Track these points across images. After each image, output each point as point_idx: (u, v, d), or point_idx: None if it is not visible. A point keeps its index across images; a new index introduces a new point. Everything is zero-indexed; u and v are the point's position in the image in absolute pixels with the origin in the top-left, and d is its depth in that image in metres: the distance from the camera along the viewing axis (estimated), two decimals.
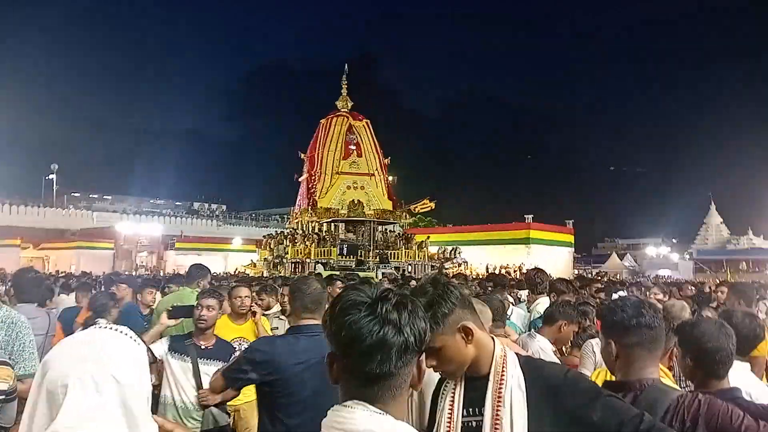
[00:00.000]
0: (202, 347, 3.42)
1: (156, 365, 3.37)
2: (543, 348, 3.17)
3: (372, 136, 31.45)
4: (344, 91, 32.31)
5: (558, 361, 3.15)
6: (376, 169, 30.60)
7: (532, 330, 3.64)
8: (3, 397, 2.30)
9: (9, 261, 34.35)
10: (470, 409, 1.56)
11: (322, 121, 31.73)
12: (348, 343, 1.08)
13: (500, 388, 1.51)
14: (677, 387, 2.04)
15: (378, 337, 1.06)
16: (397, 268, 24.64)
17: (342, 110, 31.76)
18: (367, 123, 31.54)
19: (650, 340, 1.73)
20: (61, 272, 26.24)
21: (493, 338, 1.62)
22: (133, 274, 28.85)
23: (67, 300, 6.23)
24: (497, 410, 1.49)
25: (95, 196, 63.02)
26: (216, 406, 3.25)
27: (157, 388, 3.37)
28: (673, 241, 63.76)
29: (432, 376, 1.55)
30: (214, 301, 3.42)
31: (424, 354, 1.17)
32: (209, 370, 3.29)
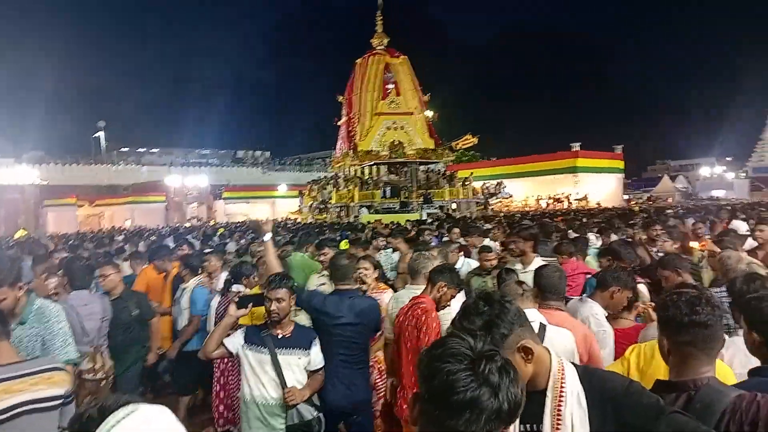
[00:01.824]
0: (279, 336, 3.22)
1: None
2: (595, 314, 3.09)
3: (410, 73, 30.68)
4: (379, 28, 31.39)
5: (609, 326, 3.08)
6: (416, 108, 30.05)
7: (583, 295, 3.55)
8: (61, 401, 2.41)
9: (66, 219, 35.96)
10: (527, 425, 1.53)
11: (358, 61, 31.08)
12: (438, 393, 1.01)
13: (559, 405, 1.47)
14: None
15: (472, 396, 0.99)
16: (441, 207, 24.60)
17: (378, 48, 30.98)
18: (404, 59, 30.70)
19: (705, 339, 1.64)
20: (117, 228, 27.29)
21: (549, 351, 1.57)
22: (186, 225, 29.77)
23: (127, 268, 6.42)
24: (557, 427, 1.47)
25: (142, 150, 64.39)
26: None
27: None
28: (728, 159, 60.97)
29: None
30: (283, 292, 3.18)
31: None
32: (289, 360, 3.17)
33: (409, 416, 1.11)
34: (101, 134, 56.12)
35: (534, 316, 2.46)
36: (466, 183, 28.52)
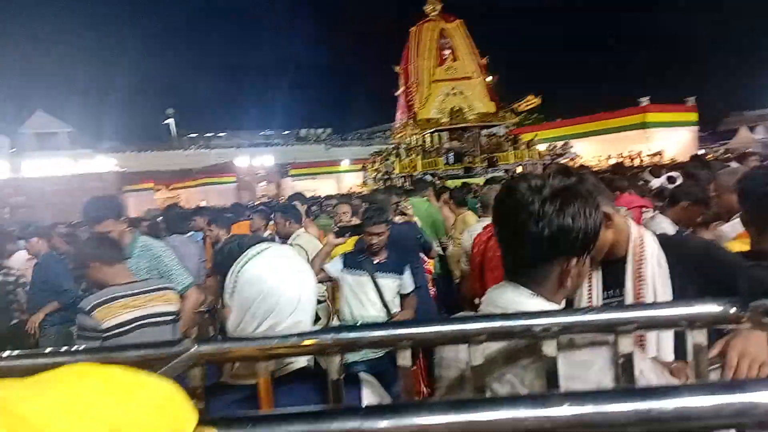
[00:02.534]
0: (376, 262, 3.52)
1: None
2: (665, 228, 3.10)
3: (466, 37, 30.08)
4: None
5: None
6: (474, 72, 29.51)
7: (654, 211, 3.56)
8: (174, 317, 2.71)
9: (146, 203, 37.94)
10: (609, 291, 1.58)
11: (412, 29, 30.72)
12: (510, 230, 1.14)
13: (640, 268, 1.53)
14: None
15: (536, 228, 1.08)
16: (506, 171, 24.25)
17: (431, 15, 30.53)
18: (459, 23, 30.10)
19: None
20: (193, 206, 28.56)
21: (627, 221, 1.62)
22: (256, 203, 30.87)
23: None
24: (639, 288, 1.52)
25: (210, 134, 66.61)
26: None
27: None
28: None
29: None
30: (382, 227, 3.47)
31: (588, 259, 1.16)
32: (386, 283, 3.46)
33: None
34: (171, 121, 58.45)
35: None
36: (531, 145, 27.90)
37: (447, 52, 29.44)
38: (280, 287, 1.18)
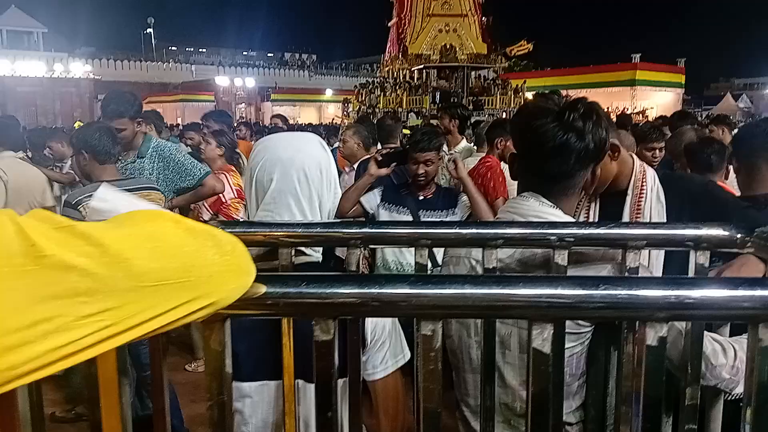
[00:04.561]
0: (420, 198, 2.99)
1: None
2: None
3: None
4: None
5: None
6: (470, 9, 28.75)
7: None
8: None
9: None
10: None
11: None
12: (531, 147, 1.20)
13: (639, 201, 1.58)
14: None
15: (560, 142, 1.15)
16: (492, 115, 24.14)
17: None
18: None
19: None
20: (168, 124, 28.02)
21: (632, 155, 1.66)
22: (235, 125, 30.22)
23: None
24: (636, 220, 1.58)
25: (191, 49, 64.40)
26: None
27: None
28: None
29: None
30: (433, 155, 2.88)
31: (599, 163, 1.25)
32: None
33: (510, 173, 1.29)
34: (151, 31, 56.17)
35: None
36: (519, 92, 27.69)
37: None
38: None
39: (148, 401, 2.90)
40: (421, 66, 27.55)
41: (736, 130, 7.01)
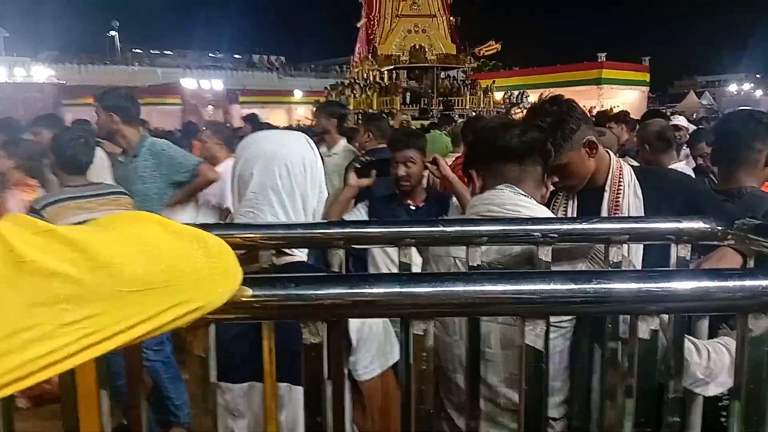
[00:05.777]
0: (413, 208, 2.67)
1: None
2: None
3: None
4: None
5: None
6: (438, 10, 28.94)
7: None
8: None
9: (85, 119, 36.13)
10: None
11: None
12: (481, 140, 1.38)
13: (617, 197, 1.59)
14: None
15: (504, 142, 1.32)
16: (461, 116, 24.31)
17: None
18: None
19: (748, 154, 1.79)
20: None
21: (608, 152, 1.68)
22: (203, 128, 29.86)
23: None
24: (615, 215, 1.59)
25: (156, 51, 63.30)
26: None
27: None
28: (757, 76, 58.53)
29: None
30: (414, 153, 2.63)
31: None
32: None
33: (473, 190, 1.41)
34: (115, 34, 55.07)
35: None
36: (488, 92, 27.93)
37: None
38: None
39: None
40: (391, 67, 27.60)
41: (694, 127, 7.25)
